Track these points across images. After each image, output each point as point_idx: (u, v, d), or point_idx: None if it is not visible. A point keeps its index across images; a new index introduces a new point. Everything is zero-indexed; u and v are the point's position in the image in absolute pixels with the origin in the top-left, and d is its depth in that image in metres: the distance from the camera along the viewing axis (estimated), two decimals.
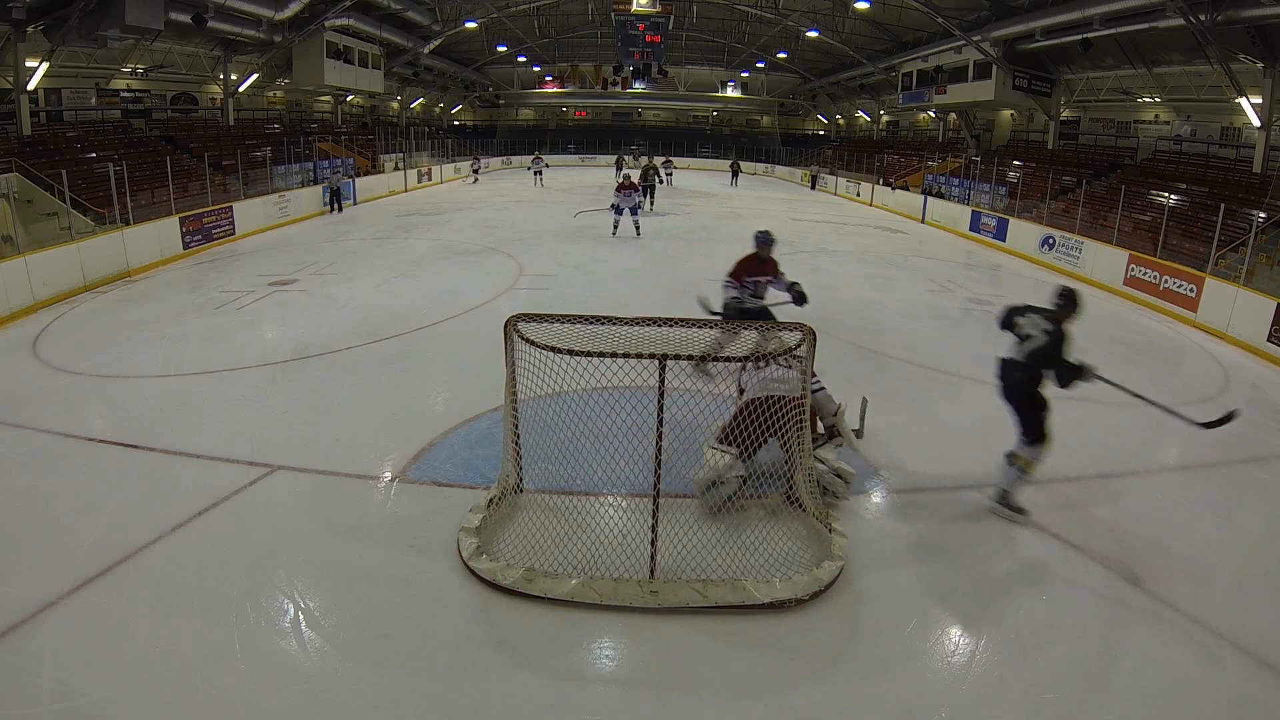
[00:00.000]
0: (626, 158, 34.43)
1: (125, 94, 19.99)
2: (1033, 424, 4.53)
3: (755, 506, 4.58)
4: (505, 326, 4.10)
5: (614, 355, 3.73)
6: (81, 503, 4.50)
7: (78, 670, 3.15)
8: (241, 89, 22.26)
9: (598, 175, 32.42)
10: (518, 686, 3.19)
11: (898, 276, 12.66)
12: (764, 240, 6.46)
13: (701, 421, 5.49)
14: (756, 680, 3.26)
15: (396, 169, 25.89)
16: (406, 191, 25.18)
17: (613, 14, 25.98)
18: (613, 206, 15.60)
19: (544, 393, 4.03)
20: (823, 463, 4.65)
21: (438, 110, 39.29)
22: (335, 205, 19.55)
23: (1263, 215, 12.37)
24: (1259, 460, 5.87)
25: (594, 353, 3.74)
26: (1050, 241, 14.86)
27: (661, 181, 24.35)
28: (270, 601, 3.65)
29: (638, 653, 3.46)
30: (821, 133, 41.24)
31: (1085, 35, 17.01)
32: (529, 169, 28.64)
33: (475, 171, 30.56)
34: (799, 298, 6.36)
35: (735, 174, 33.07)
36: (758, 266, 6.47)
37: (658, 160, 27.38)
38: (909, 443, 5.70)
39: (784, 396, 4.44)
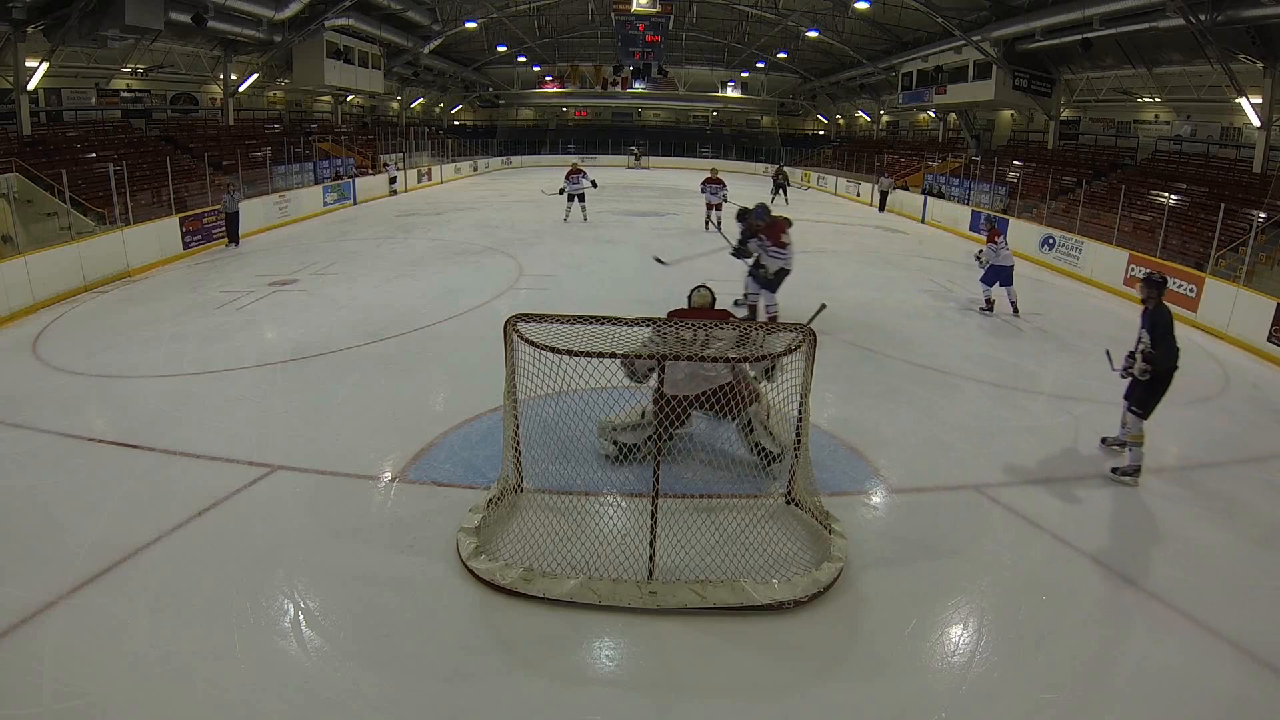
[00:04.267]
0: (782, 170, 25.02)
1: (125, 94, 20.00)
2: None
3: (754, 507, 4.58)
4: (505, 326, 4.10)
5: (614, 355, 3.74)
6: (81, 503, 4.50)
7: (78, 670, 3.15)
8: (241, 89, 22.26)
9: (597, 175, 32.31)
10: (517, 687, 3.19)
11: (898, 276, 12.65)
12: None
13: (701, 420, 5.50)
14: (755, 681, 3.26)
15: (397, 168, 25.88)
16: (406, 191, 25.18)
17: (613, 14, 25.95)
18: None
19: (544, 393, 4.03)
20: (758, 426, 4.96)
21: (438, 110, 39.30)
22: (231, 235, 14.10)
23: (1263, 215, 12.37)
24: (1259, 460, 5.86)
25: (594, 353, 3.74)
26: (1050, 241, 14.85)
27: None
28: (270, 601, 3.65)
29: (636, 653, 3.46)
30: (821, 133, 41.24)
31: (1085, 35, 17.02)
32: (561, 191, 17.30)
33: (392, 181, 24.00)
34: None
35: (781, 188, 23.34)
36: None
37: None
38: (909, 443, 5.71)
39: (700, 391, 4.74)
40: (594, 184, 17.56)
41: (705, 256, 6.58)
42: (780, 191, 23.22)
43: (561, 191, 17.36)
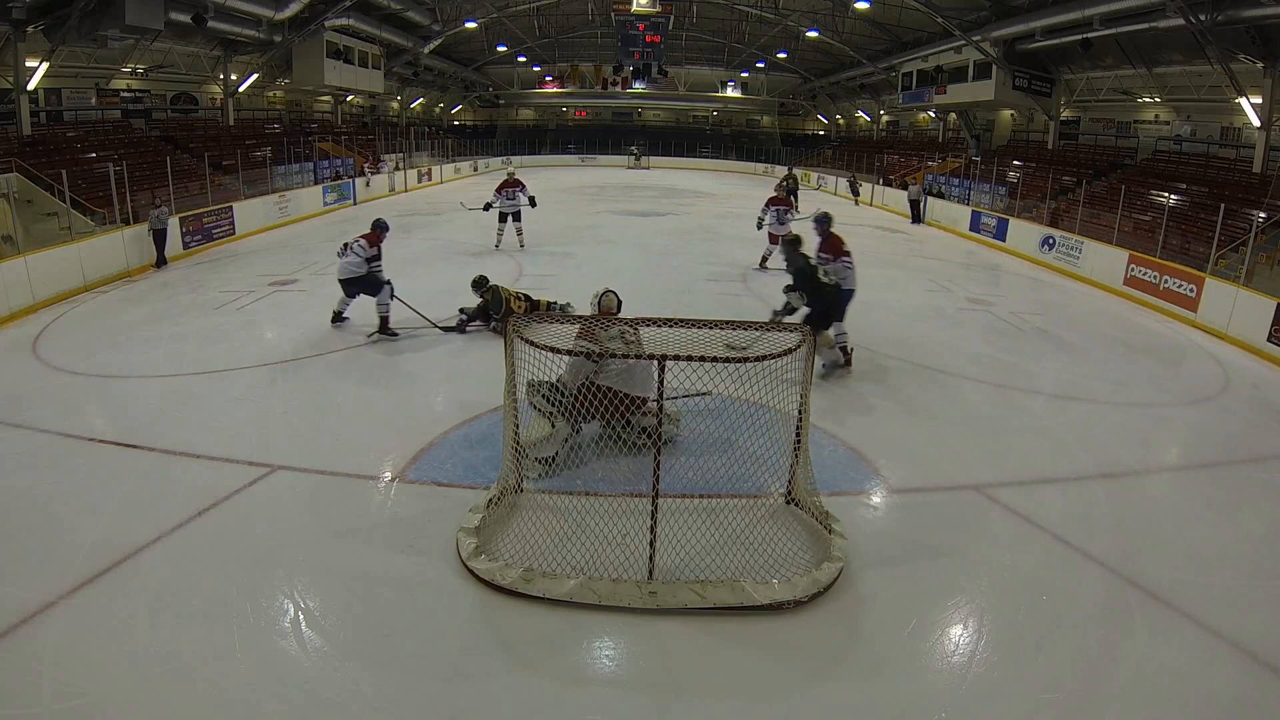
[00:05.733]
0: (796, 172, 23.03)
1: (125, 94, 20.00)
2: None
3: (754, 507, 4.58)
4: (505, 327, 4.10)
5: (613, 355, 3.74)
6: (81, 503, 4.49)
7: (78, 670, 3.15)
8: (241, 89, 22.26)
9: (597, 175, 32.42)
10: (516, 687, 3.19)
11: (898, 276, 12.64)
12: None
13: (701, 420, 5.50)
14: (755, 681, 3.26)
15: (397, 169, 25.90)
16: (406, 191, 25.19)
17: (613, 14, 25.94)
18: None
19: None
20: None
21: (438, 110, 39.32)
22: (158, 254, 11.99)
23: (1263, 215, 12.37)
24: (1259, 460, 5.86)
25: (594, 352, 3.74)
26: (1050, 241, 14.86)
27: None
28: (270, 601, 3.65)
29: (636, 653, 3.46)
30: (821, 133, 41.24)
31: (1085, 35, 17.02)
32: (488, 207, 13.39)
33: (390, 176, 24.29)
34: None
35: (791, 193, 19.29)
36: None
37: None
38: (909, 443, 5.71)
39: (629, 394, 4.81)
40: (533, 201, 13.51)
41: None
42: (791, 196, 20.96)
43: (487, 208, 13.37)
